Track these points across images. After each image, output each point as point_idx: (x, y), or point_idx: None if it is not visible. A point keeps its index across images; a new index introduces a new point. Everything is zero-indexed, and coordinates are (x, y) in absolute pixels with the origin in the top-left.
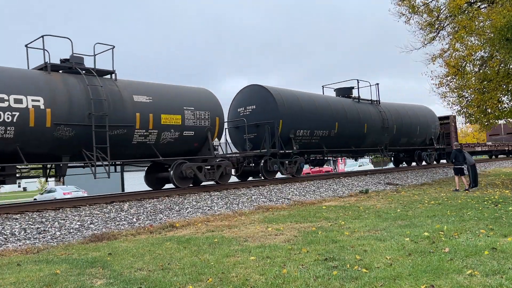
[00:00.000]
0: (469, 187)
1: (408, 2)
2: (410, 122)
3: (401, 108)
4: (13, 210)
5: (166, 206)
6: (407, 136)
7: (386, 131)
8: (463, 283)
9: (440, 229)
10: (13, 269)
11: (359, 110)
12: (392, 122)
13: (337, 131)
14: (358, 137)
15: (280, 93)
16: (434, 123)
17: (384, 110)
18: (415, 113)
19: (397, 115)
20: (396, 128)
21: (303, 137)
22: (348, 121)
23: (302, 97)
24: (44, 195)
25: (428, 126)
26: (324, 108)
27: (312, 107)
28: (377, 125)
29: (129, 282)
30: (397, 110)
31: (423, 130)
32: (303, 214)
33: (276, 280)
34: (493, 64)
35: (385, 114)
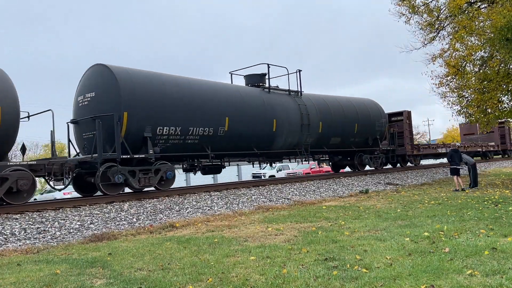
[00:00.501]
0: (469, 187)
1: (408, 2)
2: (344, 118)
3: (331, 102)
4: (13, 210)
5: (166, 206)
6: (340, 136)
7: (307, 129)
8: (463, 283)
9: (440, 229)
10: (13, 269)
11: (267, 103)
12: (316, 118)
13: (229, 129)
14: (264, 136)
15: (128, 75)
16: (380, 120)
17: (306, 104)
18: (353, 107)
19: (326, 110)
20: (322, 126)
21: (171, 137)
22: (248, 116)
23: (169, 81)
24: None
25: (371, 124)
26: (205, 98)
27: (184, 95)
28: (293, 122)
29: (129, 282)
30: (325, 104)
31: (363, 129)
32: (303, 214)
33: (276, 280)
34: (493, 64)
35: (306, 108)
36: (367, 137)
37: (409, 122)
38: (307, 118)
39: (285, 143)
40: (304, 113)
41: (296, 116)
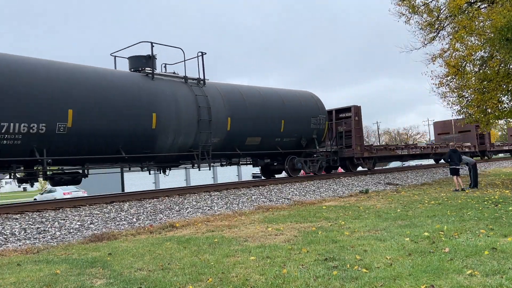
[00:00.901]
0: (470, 187)
1: (408, 2)
2: (266, 114)
3: (248, 93)
4: (13, 210)
5: (166, 206)
6: (259, 135)
7: (207, 126)
8: (463, 283)
9: (440, 229)
10: (13, 269)
11: (147, 92)
12: (224, 113)
13: (74, 126)
14: (139, 136)
15: None
16: (318, 117)
17: (208, 94)
18: (279, 101)
19: (238, 103)
20: (232, 123)
21: None
22: (110, 108)
23: None
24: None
25: (305, 121)
26: (36, 83)
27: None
28: (186, 117)
29: (129, 282)
30: (239, 96)
31: (294, 126)
32: (303, 214)
33: (276, 280)
34: (493, 64)
35: (207, 100)
36: (299, 136)
37: (358, 119)
38: (208, 113)
39: (175, 144)
40: (203, 105)
41: (191, 109)
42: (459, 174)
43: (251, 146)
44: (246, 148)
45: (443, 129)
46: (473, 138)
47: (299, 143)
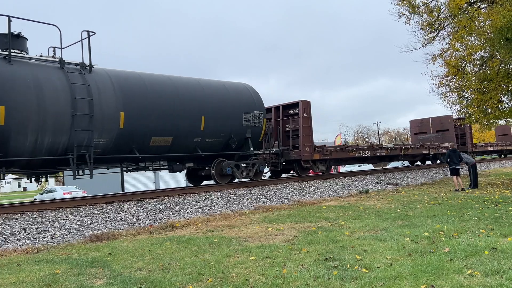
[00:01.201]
0: (469, 187)
1: (408, 2)
2: (179, 108)
3: (155, 83)
4: (13, 210)
5: (166, 206)
6: (172, 134)
7: (87, 123)
8: (463, 283)
9: (440, 229)
10: (13, 269)
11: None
12: (113, 106)
13: None
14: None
15: None
16: (252, 113)
17: (91, 83)
18: (200, 92)
19: (138, 95)
20: (126, 119)
21: None
22: None
23: None
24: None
25: (236, 117)
26: None
27: None
28: (55, 111)
29: (129, 282)
30: (140, 86)
31: (219, 124)
32: (303, 214)
33: (276, 280)
34: (493, 64)
35: (88, 89)
36: (228, 136)
37: (307, 115)
38: (89, 106)
39: (40, 145)
40: (82, 96)
41: (62, 101)
42: (459, 174)
43: (159, 147)
44: (152, 150)
45: (420, 128)
46: (452, 138)
47: (228, 144)
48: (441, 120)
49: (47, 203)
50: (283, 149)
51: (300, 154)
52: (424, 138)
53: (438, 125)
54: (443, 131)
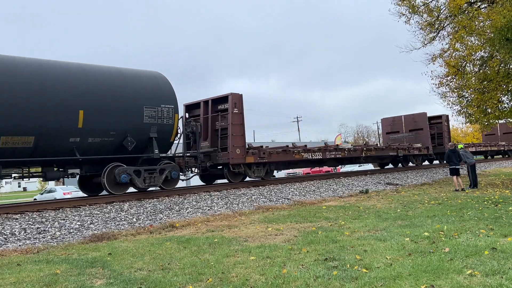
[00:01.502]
0: (469, 187)
1: (408, 2)
2: (45, 97)
3: (14, 64)
4: (13, 210)
5: (166, 206)
6: (34, 133)
7: None
8: (463, 283)
9: (440, 229)
10: (13, 269)
11: None
12: None
13: None
14: None
15: None
16: (158, 108)
17: None
18: (78, 78)
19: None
20: None
21: None
22: None
23: None
24: (44, 195)
25: (134, 112)
26: None
27: None
28: None
29: (129, 282)
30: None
31: (109, 120)
32: (303, 214)
33: (276, 280)
34: (493, 64)
35: None
36: (123, 136)
37: (238, 111)
38: None
39: None
40: None
41: None
42: (459, 174)
43: (15, 150)
44: (5, 154)
45: (392, 127)
46: (426, 138)
47: (121, 146)
48: (415, 118)
49: (47, 203)
50: (208, 151)
51: (228, 157)
52: (396, 138)
53: (411, 124)
54: (417, 130)
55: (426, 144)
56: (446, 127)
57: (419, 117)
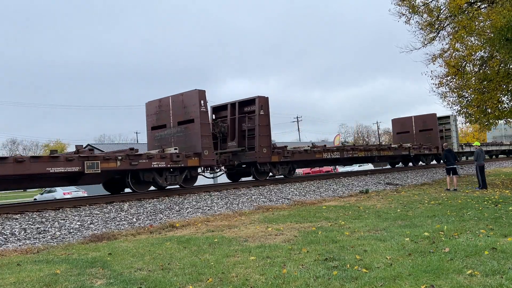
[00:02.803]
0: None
1: (408, 2)
2: None
3: None
4: (13, 210)
5: (166, 206)
6: None
7: None
8: (463, 283)
9: (440, 229)
10: (13, 269)
11: None
12: None
13: None
14: None
15: None
16: None
17: None
18: None
19: None
20: None
21: None
22: None
23: None
24: (44, 195)
25: None
26: None
27: None
28: None
29: (129, 282)
30: None
31: None
32: (303, 214)
33: (276, 280)
34: (493, 64)
35: None
36: None
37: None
38: None
39: None
40: None
41: None
42: (456, 173)
43: None
44: None
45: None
46: (435, 138)
47: None
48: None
49: (47, 203)
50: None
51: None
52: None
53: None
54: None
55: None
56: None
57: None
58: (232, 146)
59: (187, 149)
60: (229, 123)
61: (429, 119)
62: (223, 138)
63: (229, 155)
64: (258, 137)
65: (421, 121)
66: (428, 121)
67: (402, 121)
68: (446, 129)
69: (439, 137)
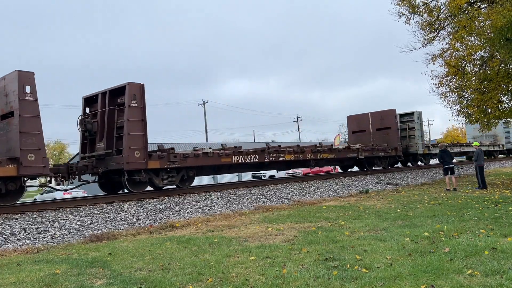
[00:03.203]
0: (478, 188)
1: (408, 2)
2: None
3: None
4: (13, 210)
5: (166, 206)
6: None
7: None
8: (463, 283)
9: (440, 229)
10: (13, 269)
11: None
12: None
13: None
14: None
15: None
16: None
17: None
18: None
19: None
20: None
21: None
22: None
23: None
24: (44, 195)
25: None
26: None
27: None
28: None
29: (129, 282)
30: None
31: None
32: (303, 214)
33: (276, 280)
34: (493, 64)
35: None
36: None
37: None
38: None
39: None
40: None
41: None
42: (454, 173)
43: None
44: None
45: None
46: (393, 138)
47: None
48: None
49: (47, 203)
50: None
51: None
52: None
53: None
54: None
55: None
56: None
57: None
58: (100, 148)
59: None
60: (99, 118)
61: (387, 116)
62: (91, 138)
63: (92, 160)
64: (128, 136)
65: (379, 118)
66: (386, 118)
67: (359, 118)
68: (410, 127)
69: (399, 136)
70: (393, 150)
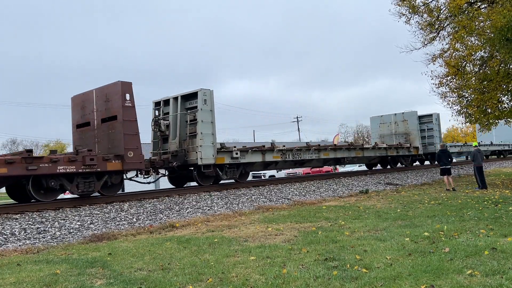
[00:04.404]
0: (477, 189)
1: (408, 2)
2: None
3: None
4: (13, 210)
5: (166, 206)
6: None
7: None
8: (463, 283)
9: (440, 229)
10: (13, 269)
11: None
12: None
13: None
14: None
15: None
16: None
17: None
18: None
19: None
20: None
21: None
22: None
23: None
24: None
25: None
26: None
27: None
28: None
29: (129, 282)
30: None
31: None
32: (303, 214)
33: (276, 280)
34: (493, 64)
35: None
36: None
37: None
38: None
39: None
40: None
41: None
42: (451, 174)
43: None
44: None
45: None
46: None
47: None
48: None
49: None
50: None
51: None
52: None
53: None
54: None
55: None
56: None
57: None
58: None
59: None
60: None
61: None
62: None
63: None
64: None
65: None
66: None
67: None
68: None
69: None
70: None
